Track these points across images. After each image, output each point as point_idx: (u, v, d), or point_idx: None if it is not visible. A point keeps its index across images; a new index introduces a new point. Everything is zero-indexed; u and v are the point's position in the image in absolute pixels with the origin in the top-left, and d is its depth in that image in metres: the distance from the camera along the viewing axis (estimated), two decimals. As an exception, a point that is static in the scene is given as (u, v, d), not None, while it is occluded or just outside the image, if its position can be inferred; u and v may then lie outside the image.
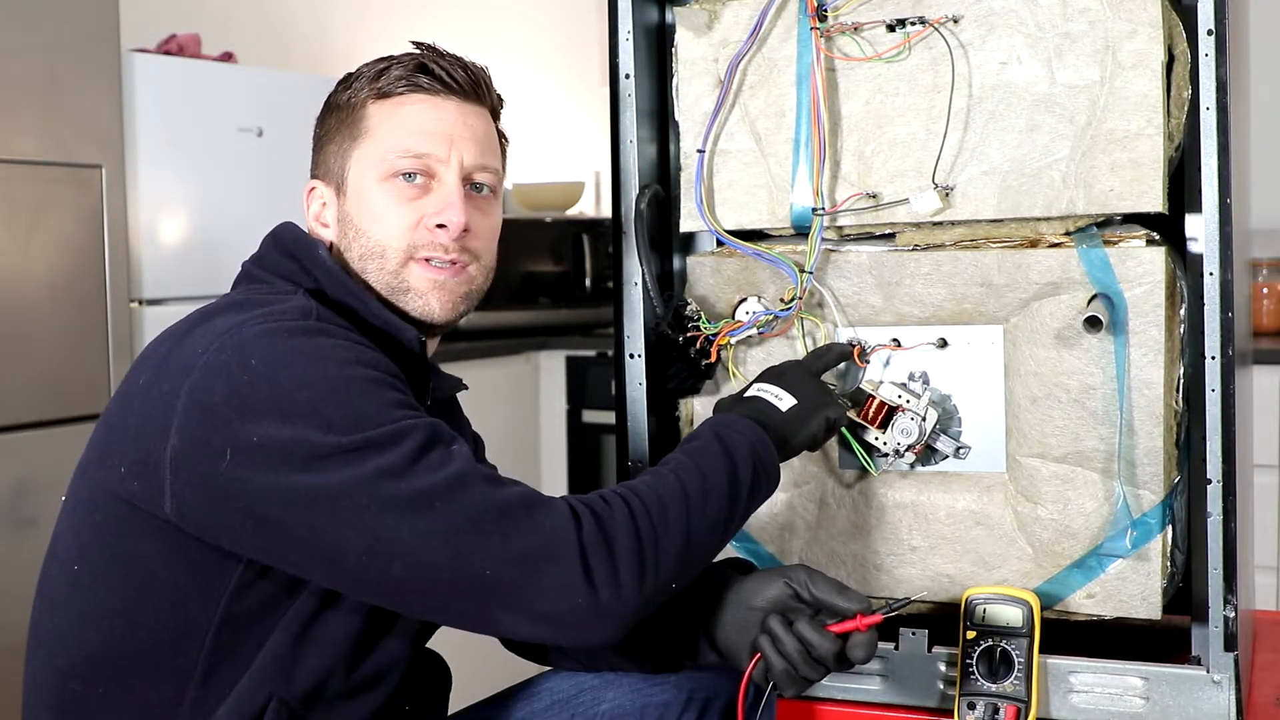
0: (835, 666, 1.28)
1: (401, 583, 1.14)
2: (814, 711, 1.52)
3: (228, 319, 1.22)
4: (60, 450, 2.62)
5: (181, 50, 3.11)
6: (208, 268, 3.04)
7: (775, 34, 1.54)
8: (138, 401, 1.21)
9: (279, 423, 1.14)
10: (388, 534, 1.12)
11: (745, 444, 1.30)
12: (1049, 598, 1.47)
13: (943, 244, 1.49)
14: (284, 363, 1.16)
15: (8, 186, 2.60)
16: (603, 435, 3.81)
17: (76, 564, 1.25)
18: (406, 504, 1.12)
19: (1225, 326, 1.38)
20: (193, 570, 1.20)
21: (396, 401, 1.18)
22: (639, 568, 1.16)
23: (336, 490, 1.12)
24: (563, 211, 4.17)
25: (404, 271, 1.33)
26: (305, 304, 1.26)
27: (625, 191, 1.61)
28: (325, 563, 1.15)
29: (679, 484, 1.23)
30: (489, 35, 4.53)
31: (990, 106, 1.45)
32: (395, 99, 1.35)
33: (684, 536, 1.20)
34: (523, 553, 1.13)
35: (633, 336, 1.61)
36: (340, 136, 1.37)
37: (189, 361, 1.18)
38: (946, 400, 1.51)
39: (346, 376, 1.17)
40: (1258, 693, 1.51)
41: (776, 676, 1.28)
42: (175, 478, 1.16)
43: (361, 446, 1.13)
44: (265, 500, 1.13)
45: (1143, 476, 1.43)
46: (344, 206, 1.36)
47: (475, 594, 1.13)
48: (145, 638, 1.22)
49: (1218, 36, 1.37)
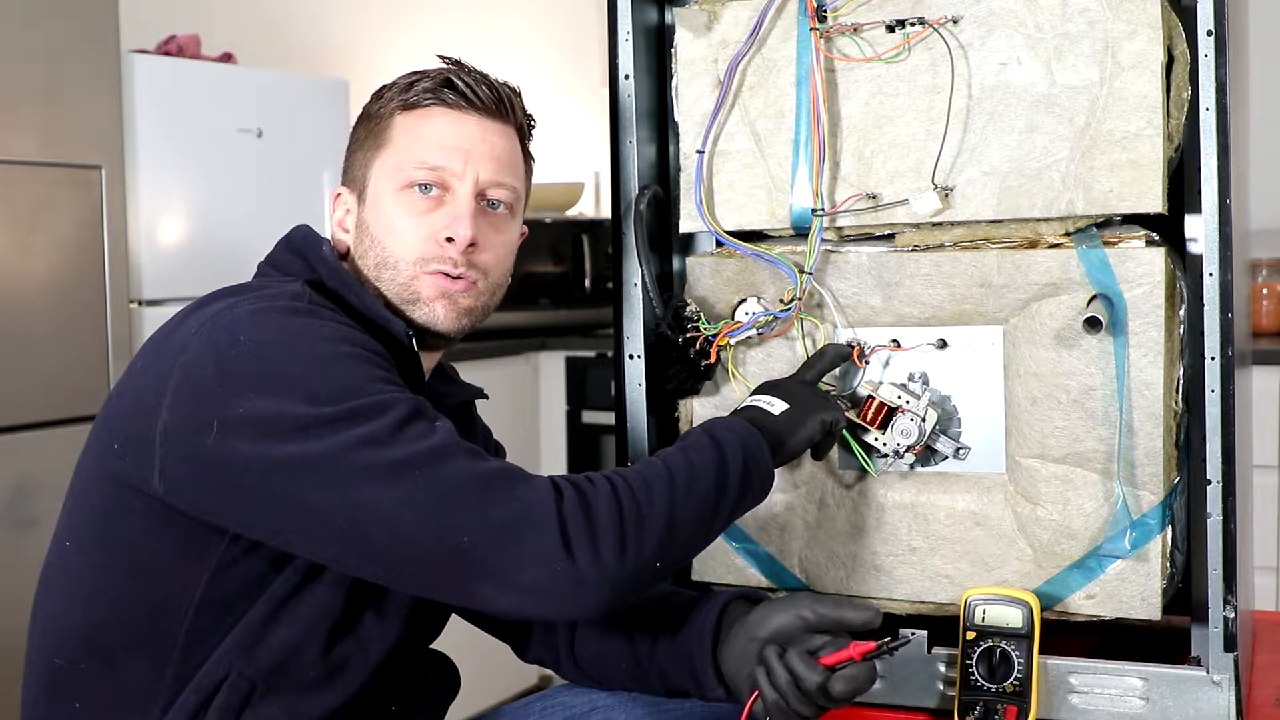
0: (823, 700, 1.27)
1: (382, 552, 1.15)
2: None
3: (222, 303, 1.25)
4: (60, 451, 2.62)
5: (181, 51, 3.11)
6: (207, 268, 3.04)
7: (775, 35, 1.54)
8: (133, 382, 1.25)
9: (264, 395, 1.16)
10: (368, 502, 1.13)
11: (735, 439, 1.31)
12: (1049, 598, 1.47)
13: (942, 245, 1.49)
14: (271, 339, 1.19)
15: (8, 187, 2.60)
16: (602, 436, 3.81)
17: (68, 541, 1.28)
18: (388, 472, 1.13)
19: (1225, 327, 1.38)
20: (176, 547, 1.23)
21: (380, 377, 1.20)
22: (619, 540, 1.16)
23: (318, 458, 1.14)
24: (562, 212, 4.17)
25: (415, 283, 1.35)
26: (298, 289, 1.28)
27: (625, 192, 1.61)
28: (308, 532, 1.16)
29: (665, 468, 1.24)
30: (489, 35, 4.54)
31: (990, 107, 1.45)
32: (419, 111, 1.37)
33: (668, 518, 1.20)
34: (502, 522, 1.13)
35: (632, 337, 1.61)
36: (366, 145, 1.40)
37: (183, 342, 1.22)
38: (946, 401, 1.51)
39: (332, 352, 1.19)
40: (1257, 693, 1.51)
41: (770, 710, 1.28)
42: (165, 453, 1.19)
43: (345, 417, 1.15)
44: (249, 471, 1.15)
45: (1142, 477, 1.43)
46: (363, 214, 1.38)
47: (455, 564, 1.14)
48: (126, 614, 1.24)
49: (1217, 37, 1.37)
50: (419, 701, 1.43)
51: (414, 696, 1.42)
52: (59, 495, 1.34)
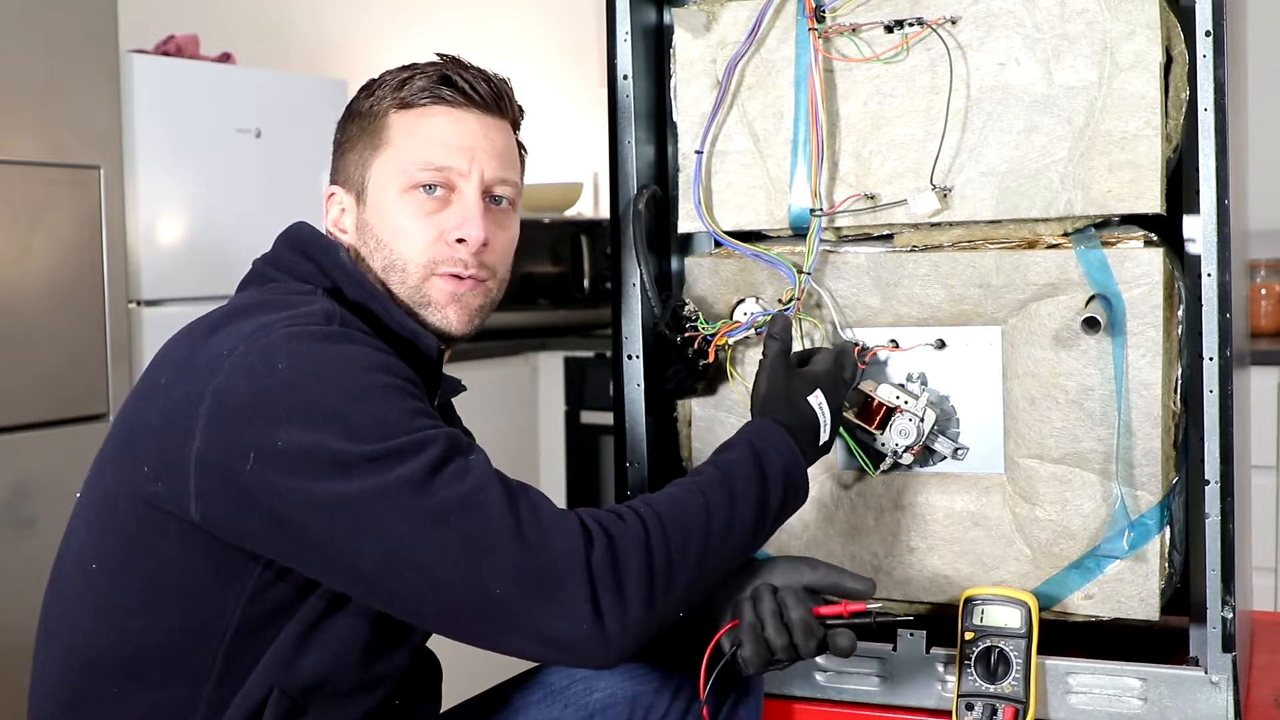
0: (802, 638, 1.28)
1: (412, 595, 1.15)
2: (813, 712, 1.52)
3: (253, 320, 1.22)
4: (59, 451, 2.62)
5: (180, 51, 3.11)
6: (206, 268, 3.04)
7: (773, 35, 1.54)
8: (160, 400, 1.22)
9: (303, 428, 1.14)
10: (403, 546, 1.13)
11: (780, 466, 1.29)
12: (1047, 598, 1.47)
13: (941, 245, 1.49)
14: (309, 367, 1.17)
15: (6, 187, 2.60)
16: (601, 436, 3.81)
17: (94, 561, 1.25)
18: (424, 517, 1.13)
19: (1223, 327, 1.38)
20: (212, 571, 1.21)
21: (417, 410, 1.19)
22: (648, 597, 1.16)
23: (357, 498, 1.13)
24: (561, 212, 4.17)
25: (425, 286, 1.34)
26: (329, 307, 1.26)
27: (623, 192, 1.61)
28: (342, 569, 1.16)
29: (704, 504, 1.22)
30: (489, 35, 4.53)
31: (988, 108, 1.45)
32: (417, 110, 1.35)
33: (699, 564, 1.20)
34: (533, 575, 1.13)
35: (631, 337, 1.62)
36: (361, 145, 1.37)
37: (213, 363, 1.19)
38: (945, 401, 1.51)
39: (370, 383, 1.18)
40: (1255, 693, 1.51)
41: (743, 630, 1.29)
42: (200, 479, 1.17)
43: (383, 455, 1.14)
44: (287, 504, 1.14)
45: (1141, 477, 1.43)
46: (364, 215, 1.36)
47: (485, 613, 1.14)
48: (161, 637, 1.22)
49: (1215, 37, 1.37)
50: (419, 693, 1.44)
51: (413, 689, 1.42)
52: (58, 495, 1.32)
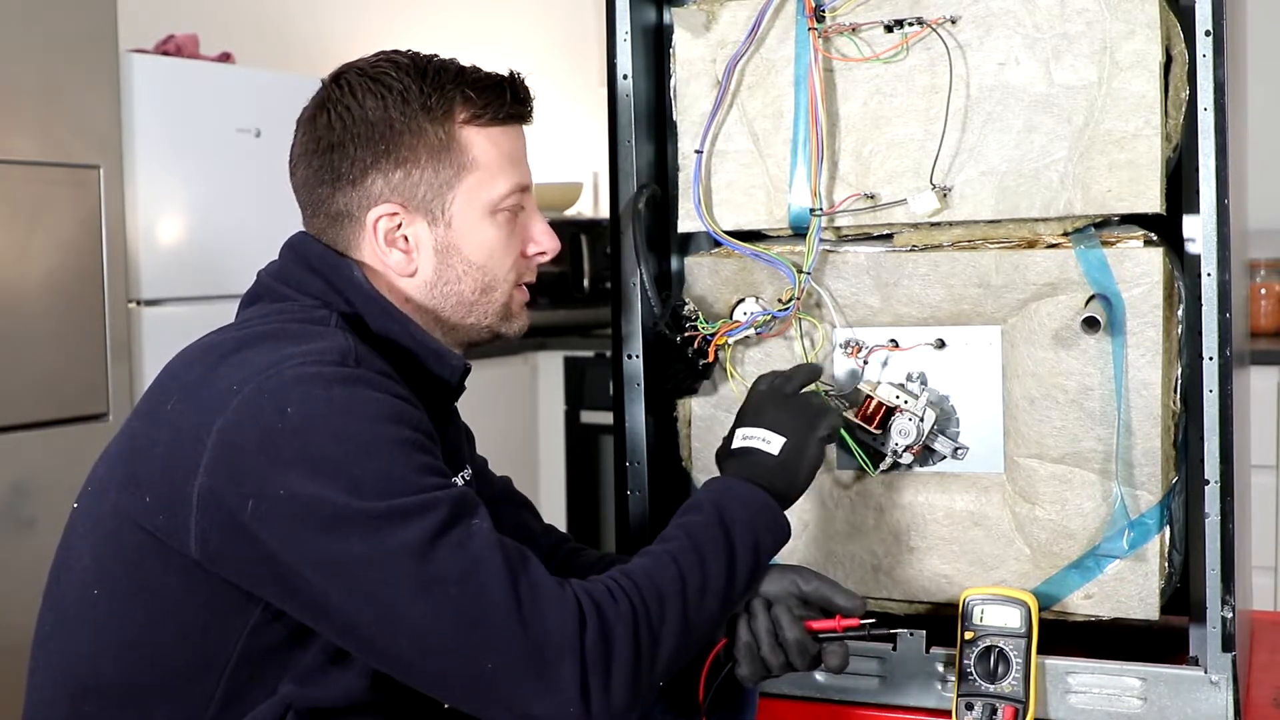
0: (797, 657, 1.28)
1: (403, 657, 1.15)
2: (813, 712, 1.52)
3: (265, 354, 1.20)
4: (58, 451, 2.62)
5: (180, 51, 3.11)
6: (205, 268, 3.04)
7: (773, 34, 1.54)
8: (166, 429, 1.20)
9: (307, 478, 1.13)
10: (400, 611, 1.13)
11: (745, 520, 1.28)
12: (1047, 598, 1.47)
13: (940, 245, 1.49)
14: (319, 414, 1.16)
15: (6, 187, 2.60)
16: (601, 436, 3.81)
17: (96, 588, 1.24)
18: (423, 585, 1.12)
19: (1223, 327, 1.38)
20: (214, 606, 1.21)
21: (426, 466, 1.18)
22: (633, 679, 1.16)
23: (356, 560, 1.12)
24: (561, 212, 4.17)
25: (509, 301, 1.37)
26: (344, 344, 1.23)
27: (623, 192, 1.61)
28: (337, 626, 1.16)
29: (678, 574, 1.22)
30: (489, 35, 4.54)
31: (988, 107, 1.45)
32: (497, 127, 1.34)
33: (679, 638, 1.20)
34: (526, 653, 1.13)
35: (630, 337, 1.62)
36: (435, 164, 1.31)
37: (222, 397, 1.17)
38: (944, 401, 1.51)
39: (380, 436, 1.17)
40: (1255, 693, 1.51)
41: (738, 649, 1.29)
42: (201, 516, 1.16)
43: (385, 515, 1.13)
44: (284, 552, 1.14)
45: (1140, 477, 1.43)
46: (449, 239, 1.33)
47: (474, 684, 1.14)
48: (163, 667, 1.22)
49: (1215, 37, 1.37)
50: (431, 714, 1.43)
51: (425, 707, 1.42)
52: (58, 495, 1.32)
